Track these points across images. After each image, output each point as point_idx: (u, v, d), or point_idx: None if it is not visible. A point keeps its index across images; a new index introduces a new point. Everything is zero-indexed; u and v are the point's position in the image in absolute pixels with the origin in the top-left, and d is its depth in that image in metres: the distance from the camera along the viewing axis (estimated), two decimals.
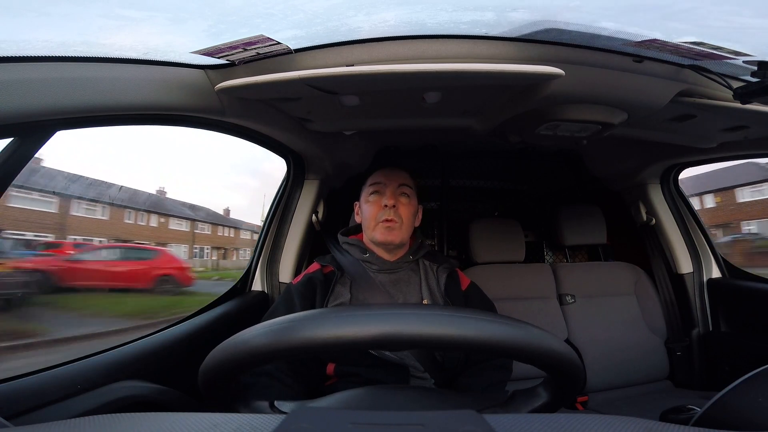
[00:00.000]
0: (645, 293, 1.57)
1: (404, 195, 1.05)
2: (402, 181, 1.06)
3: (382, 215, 1.02)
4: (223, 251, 2.48)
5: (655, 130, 1.12)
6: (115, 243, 1.76)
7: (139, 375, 0.77)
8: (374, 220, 1.03)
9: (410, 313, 0.41)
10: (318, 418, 0.35)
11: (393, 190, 1.04)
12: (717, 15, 0.64)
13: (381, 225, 1.02)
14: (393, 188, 1.04)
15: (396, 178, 1.06)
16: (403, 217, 1.03)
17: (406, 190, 1.06)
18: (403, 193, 1.05)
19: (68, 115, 0.63)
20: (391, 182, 1.05)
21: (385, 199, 1.02)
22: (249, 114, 0.94)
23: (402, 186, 1.05)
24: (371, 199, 1.06)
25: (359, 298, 0.97)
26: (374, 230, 1.03)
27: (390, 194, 1.03)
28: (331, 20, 0.72)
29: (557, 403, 0.48)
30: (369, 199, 1.06)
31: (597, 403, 1.37)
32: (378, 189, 1.06)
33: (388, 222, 1.01)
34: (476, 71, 0.72)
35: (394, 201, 1.03)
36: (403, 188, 1.05)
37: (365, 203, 1.07)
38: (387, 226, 1.01)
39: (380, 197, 1.05)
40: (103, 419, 0.36)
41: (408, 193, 1.06)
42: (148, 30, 0.67)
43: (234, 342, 0.42)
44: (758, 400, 0.39)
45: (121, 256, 1.81)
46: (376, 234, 1.02)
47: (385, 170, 1.09)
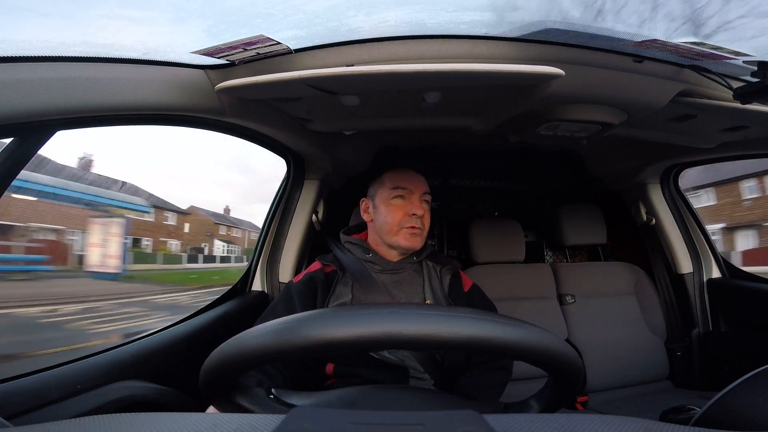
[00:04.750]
0: (645, 293, 1.57)
1: (426, 202, 1.04)
2: (425, 188, 1.05)
3: (407, 222, 1.00)
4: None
5: (655, 130, 1.12)
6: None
7: (139, 375, 0.77)
8: (398, 225, 1.01)
9: (411, 312, 0.41)
10: (318, 417, 0.35)
11: (419, 198, 1.03)
12: (717, 15, 0.64)
13: (406, 231, 1.00)
14: (419, 195, 1.03)
15: (421, 185, 1.05)
16: (426, 224, 1.03)
17: (428, 198, 1.05)
18: (425, 201, 1.04)
19: (68, 115, 0.63)
20: (417, 189, 1.03)
21: (414, 208, 1.00)
22: (249, 114, 0.94)
23: (425, 194, 1.05)
24: (394, 202, 1.02)
25: (361, 299, 0.96)
26: (397, 234, 1.01)
27: (417, 203, 1.02)
28: (331, 20, 0.72)
29: (557, 403, 0.48)
30: (392, 202, 1.03)
31: (597, 403, 1.36)
32: (403, 194, 1.03)
33: (414, 229, 1.00)
34: (476, 71, 0.72)
35: (423, 211, 1.01)
36: (426, 196, 1.04)
37: (385, 205, 1.03)
38: (412, 232, 1.00)
39: (405, 203, 1.02)
40: (103, 419, 0.36)
41: (429, 201, 1.05)
42: (148, 30, 0.68)
43: (234, 344, 0.42)
44: (758, 400, 0.39)
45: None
46: (400, 239, 1.01)
47: (408, 174, 1.06)
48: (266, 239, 1.41)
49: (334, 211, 1.57)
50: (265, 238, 1.41)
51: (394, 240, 1.01)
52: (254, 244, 1.48)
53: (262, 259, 1.39)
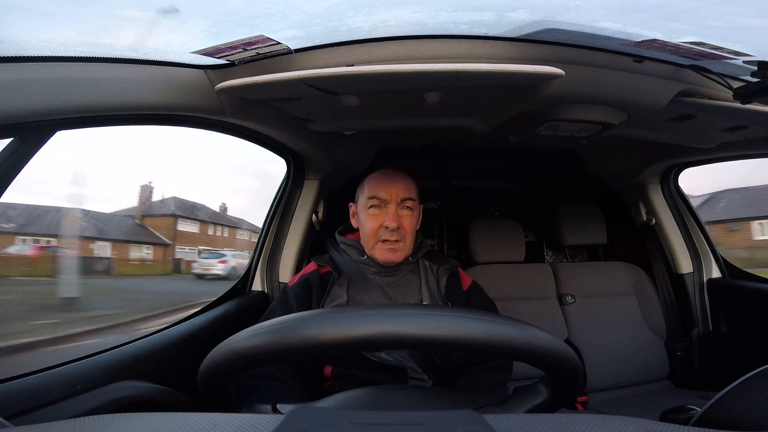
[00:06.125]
0: (645, 293, 1.57)
1: (407, 209, 0.97)
2: (404, 194, 0.97)
3: (382, 234, 0.95)
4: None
5: (655, 130, 1.12)
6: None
7: (139, 375, 0.77)
8: (374, 237, 0.96)
9: (408, 313, 0.41)
10: (317, 418, 0.35)
11: (395, 207, 0.96)
12: (717, 15, 0.64)
13: (381, 245, 0.95)
14: (395, 205, 0.96)
15: (398, 191, 0.96)
16: (406, 232, 0.96)
17: (409, 203, 0.98)
18: (407, 207, 0.97)
19: (68, 115, 0.63)
20: (392, 197, 0.96)
21: (388, 220, 0.94)
22: (249, 114, 0.94)
23: (404, 200, 0.97)
24: (371, 212, 0.97)
25: (357, 300, 0.96)
26: (374, 248, 0.97)
27: (393, 214, 0.95)
28: (331, 20, 0.72)
29: (557, 403, 0.48)
30: (368, 211, 0.98)
31: (597, 403, 1.36)
32: (378, 204, 0.97)
33: (389, 243, 0.95)
34: (476, 71, 0.72)
35: (397, 222, 0.94)
36: (406, 203, 0.97)
37: (363, 213, 0.99)
38: (389, 247, 0.95)
39: (381, 213, 0.96)
40: (103, 419, 0.36)
41: (411, 206, 0.98)
42: (148, 30, 0.67)
43: (230, 344, 0.42)
44: (758, 400, 0.39)
45: None
46: (376, 253, 0.96)
47: (384, 180, 0.98)
48: (266, 239, 1.41)
49: (334, 211, 1.57)
50: (265, 238, 1.41)
51: (371, 253, 0.98)
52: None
53: (262, 259, 1.39)
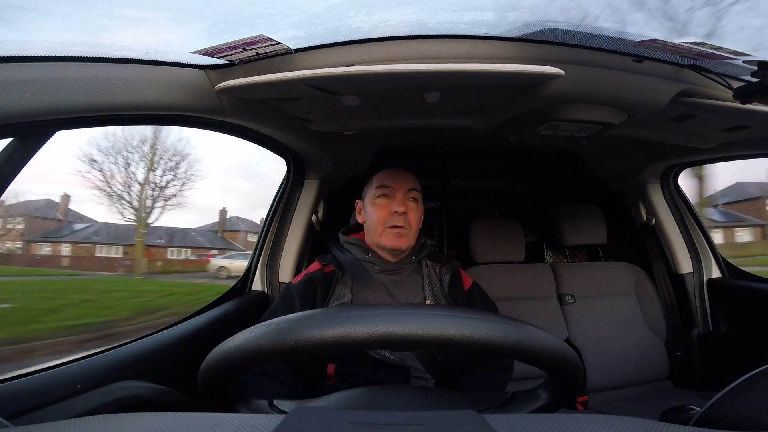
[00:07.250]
0: (645, 293, 1.57)
1: (413, 200, 1.02)
2: (411, 185, 1.03)
3: (390, 221, 0.99)
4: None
5: (655, 130, 1.12)
6: None
7: (139, 375, 0.76)
8: (382, 224, 1.00)
9: (411, 313, 0.41)
10: (317, 418, 0.35)
11: (403, 195, 1.01)
12: (717, 15, 0.64)
13: (389, 231, 0.99)
14: (402, 193, 1.01)
15: (405, 182, 1.03)
16: (412, 222, 1.00)
17: (415, 195, 1.03)
18: (412, 198, 1.02)
19: (68, 115, 0.63)
20: (400, 186, 1.02)
21: (396, 205, 0.99)
22: (249, 114, 0.94)
23: (411, 191, 1.02)
24: (378, 202, 1.02)
25: (360, 299, 0.96)
26: (381, 235, 1.00)
27: (400, 200, 1.00)
28: (331, 20, 0.72)
29: (557, 403, 0.48)
30: (376, 201, 1.02)
31: (597, 403, 1.36)
32: (386, 192, 1.02)
33: (397, 228, 0.98)
34: (476, 71, 0.72)
35: (405, 207, 0.99)
36: (412, 193, 1.02)
37: (371, 205, 1.03)
38: (396, 232, 0.98)
39: (389, 201, 1.01)
40: (103, 419, 0.36)
41: (416, 198, 1.03)
42: (148, 30, 0.68)
43: (230, 344, 0.42)
44: (758, 400, 0.39)
45: None
46: (384, 239, 0.99)
47: (393, 173, 1.05)
48: (266, 239, 1.41)
49: (334, 211, 1.57)
50: (265, 238, 1.41)
51: (379, 240, 1.01)
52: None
53: (262, 259, 1.39)
